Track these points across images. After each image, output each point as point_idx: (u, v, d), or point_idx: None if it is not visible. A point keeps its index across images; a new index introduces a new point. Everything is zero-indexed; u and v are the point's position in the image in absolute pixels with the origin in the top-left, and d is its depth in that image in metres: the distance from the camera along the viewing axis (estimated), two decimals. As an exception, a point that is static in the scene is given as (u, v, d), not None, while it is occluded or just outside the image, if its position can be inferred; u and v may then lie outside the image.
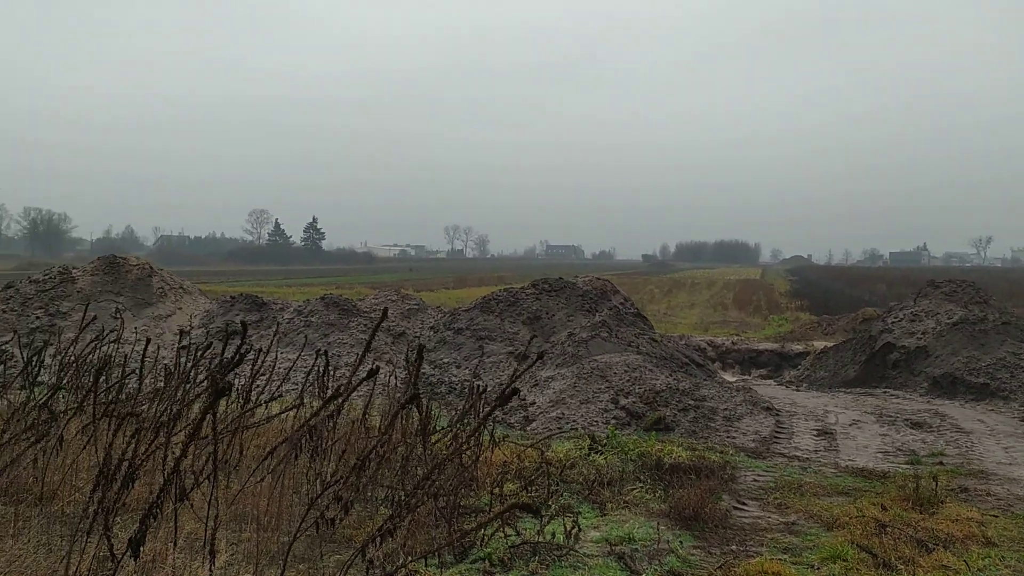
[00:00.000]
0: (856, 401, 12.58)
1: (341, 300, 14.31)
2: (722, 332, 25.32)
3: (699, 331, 25.44)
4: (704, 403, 9.87)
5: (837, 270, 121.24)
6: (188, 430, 4.19)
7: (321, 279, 68.59)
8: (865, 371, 14.38)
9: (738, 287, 61.90)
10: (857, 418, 10.96)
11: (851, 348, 15.64)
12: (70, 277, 14.88)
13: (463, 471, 5.60)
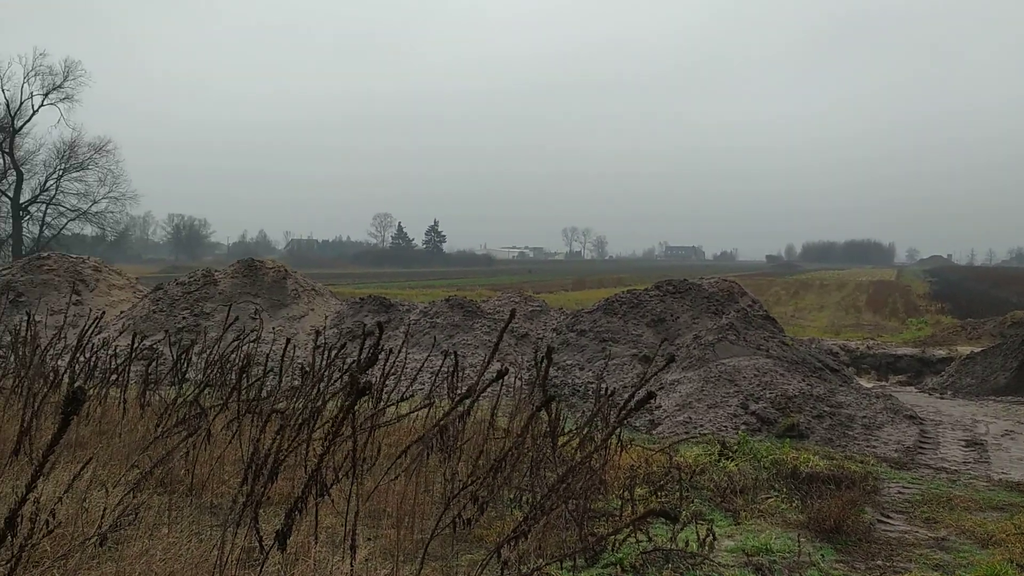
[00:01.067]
0: (1008, 410, 11.76)
1: (465, 302, 14.51)
2: (855, 336, 24.23)
3: (830, 334, 24.45)
4: (841, 410, 9.44)
5: (981, 271, 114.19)
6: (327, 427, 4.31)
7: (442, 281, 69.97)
8: (1018, 378, 13.43)
9: (871, 289, 59.18)
10: (1010, 428, 10.24)
11: (1001, 353, 14.65)
12: (212, 279, 15.71)
13: (592, 474, 5.54)
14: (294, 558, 4.23)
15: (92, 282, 17.41)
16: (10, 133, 56.13)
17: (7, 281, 17.34)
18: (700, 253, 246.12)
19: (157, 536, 4.49)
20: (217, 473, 5.76)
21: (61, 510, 3.97)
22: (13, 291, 16.80)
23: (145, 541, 4.34)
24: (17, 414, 6.76)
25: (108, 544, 4.20)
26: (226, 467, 5.91)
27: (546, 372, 5.52)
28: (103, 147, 59.21)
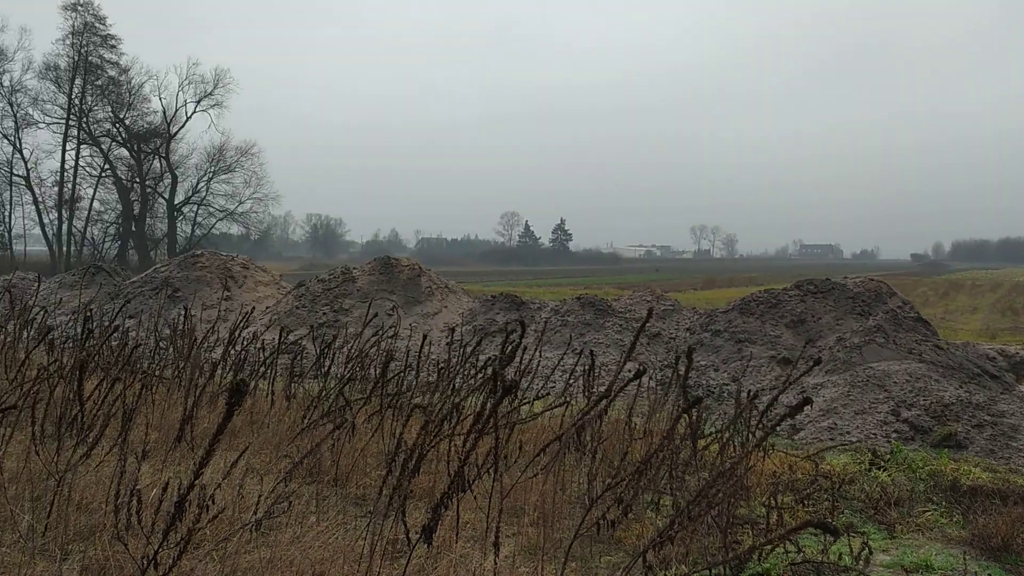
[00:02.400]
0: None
1: (596, 300, 14.40)
2: (1014, 340, 22.56)
3: (985, 338, 22.88)
4: (1003, 419, 8.78)
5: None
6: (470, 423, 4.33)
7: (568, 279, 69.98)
8: None
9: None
10: None
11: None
12: (351, 277, 16.25)
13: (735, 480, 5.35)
14: (437, 552, 4.27)
15: (240, 279, 18.35)
16: (166, 139, 60.08)
17: (165, 277, 18.51)
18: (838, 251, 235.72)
19: (306, 524, 4.64)
20: (360, 465, 5.91)
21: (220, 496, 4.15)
22: (170, 287, 17.92)
23: (296, 528, 4.49)
24: (177, 403, 7.18)
25: (262, 530, 4.38)
26: (368, 459, 6.06)
27: (686, 373, 5.37)
28: (248, 150, 62.56)
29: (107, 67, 58.95)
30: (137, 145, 60.19)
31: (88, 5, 57.81)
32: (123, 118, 59.32)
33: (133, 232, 60.57)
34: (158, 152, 60.58)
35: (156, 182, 61.65)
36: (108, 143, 59.70)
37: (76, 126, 57.59)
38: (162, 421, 6.65)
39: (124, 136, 59.76)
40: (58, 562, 3.90)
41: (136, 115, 59.99)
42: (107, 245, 60.61)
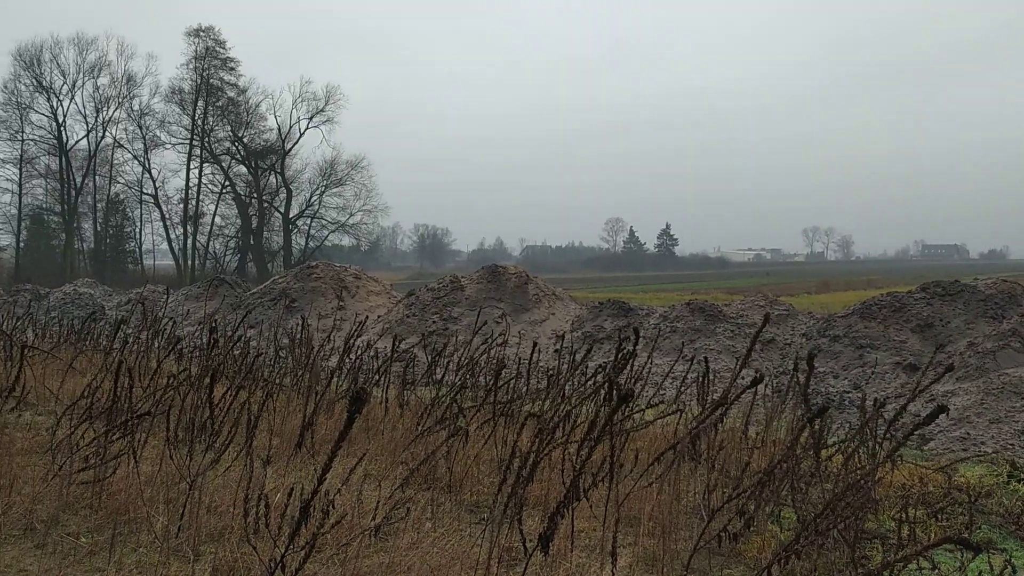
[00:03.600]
0: None
1: (707, 305, 14.10)
2: None
3: None
4: None
5: None
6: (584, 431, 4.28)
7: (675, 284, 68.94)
8: None
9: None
10: None
11: None
12: (459, 285, 16.46)
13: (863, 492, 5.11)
14: (553, 561, 4.24)
15: (353, 288, 18.86)
16: (281, 155, 62.54)
17: (282, 288, 19.22)
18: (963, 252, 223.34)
19: (423, 530, 4.69)
20: (473, 472, 5.94)
21: (340, 501, 4.25)
22: (288, 297, 18.59)
23: (413, 534, 4.55)
24: (296, 410, 7.42)
25: (380, 535, 4.45)
26: (481, 467, 6.09)
27: (807, 381, 5.17)
28: (358, 164, 64.45)
29: (227, 88, 61.97)
30: (254, 162, 62.91)
31: (209, 30, 60.99)
32: (241, 136, 62.15)
33: (251, 245, 63.28)
34: (274, 168, 63.13)
35: (272, 197, 64.29)
36: (228, 161, 62.69)
37: (199, 146, 60.72)
38: (283, 428, 6.87)
39: (242, 154, 62.59)
40: (191, 563, 4.07)
41: (253, 133, 62.82)
42: (228, 258, 63.58)
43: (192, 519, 4.37)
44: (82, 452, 5.30)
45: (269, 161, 63.10)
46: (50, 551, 4.23)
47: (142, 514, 4.69)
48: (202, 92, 60.48)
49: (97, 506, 4.84)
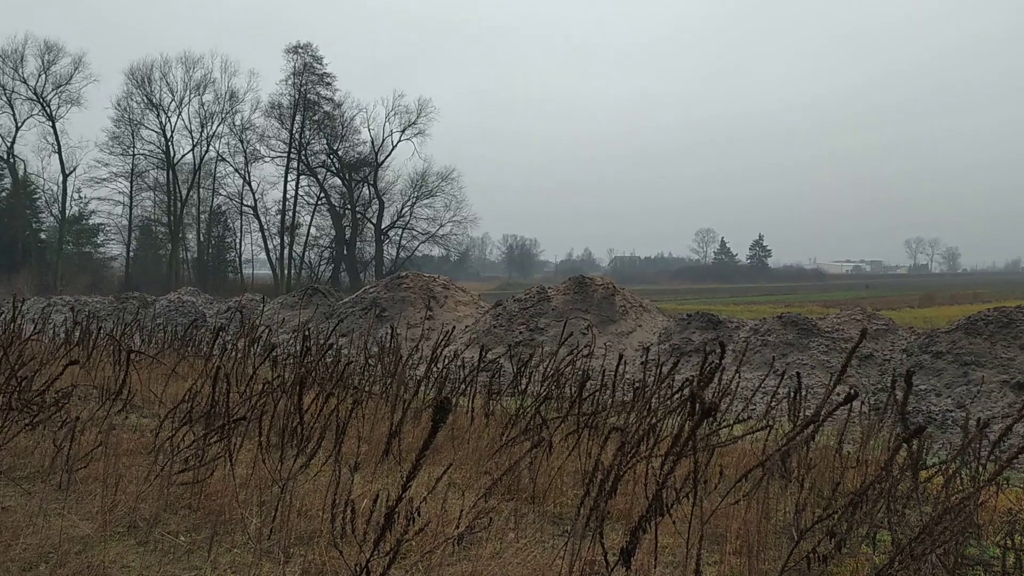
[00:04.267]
0: None
1: (799, 319, 13.73)
2: None
3: None
4: None
5: None
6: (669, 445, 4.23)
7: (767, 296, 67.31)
8: None
9: None
10: None
11: None
12: (546, 296, 16.49)
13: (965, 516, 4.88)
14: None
15: (441, 298, 19.12)
16: (374, 168, 64.02)
17: (373, 298, 19.63)
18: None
19: (506, 540, 4.71)
20: (556, 484, 5.94)
21: (425, 509, 4.31)
22: (378, 307, 18.98)
23: (496, 544, 4.57)
24: (384, 418, 7.56)
25: (464, 544, 4.49)
26: (564, 478, 6.07)
27: (905, 398, 4.98)
28: (448, 175, 65.43)
29: (323, 103, 63.90)
30: (348, 174, 64.59)
31: (307, 47, 63.04)
32: (336, 149, 63.92)
33: (344, 255, 64.91)
34: (367, 180, 64.68)
35: (365, 208, 65.85)
36: (323, 173, 64.57)
37: (296, 159, 62.75)
38: (371, 435, 7.01)
39: (337, 166, 64.35)
40: (281, 564, 4.19)
41: (348, 146, 64.53)
42: (322, 268, 65.41)
43: (283, 522, 4.51)
44: (182, 454, 5.54)
45: (362, 173, 64.68)
46: (151, 548, 4.43)
47: (237, 515, 4.86)
48: (300, 107, 62.52)
49: (195, 506, 5.04)
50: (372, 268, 64.29)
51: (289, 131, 62.50)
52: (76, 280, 53.26)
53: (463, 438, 7.16)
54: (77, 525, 4.71)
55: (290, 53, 62.88)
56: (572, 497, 5.74)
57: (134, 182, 61.49)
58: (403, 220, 65.79)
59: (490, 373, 9.40)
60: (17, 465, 6.02)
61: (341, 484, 4.11)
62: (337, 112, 64.11)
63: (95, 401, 8.16)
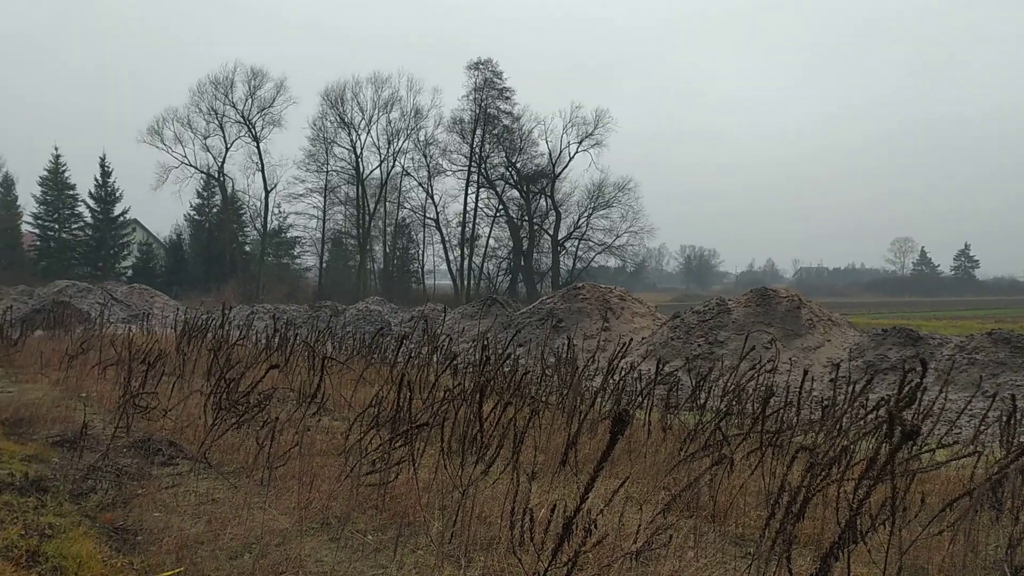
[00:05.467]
0: None
1: (1013, 336, 12.53)
2: None
3: None
4: None
5: None
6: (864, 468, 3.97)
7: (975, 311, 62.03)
8: None
9: None
10: None
11: None
12: (726, 308, 16.02)
13: None
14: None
15: (618, 310, 19.02)
16: (551, 179, 64.86)
17: (550, 309, 19.83)
18: None
19: (685, 559, 4.59)
20: (738, 503, 5.72)
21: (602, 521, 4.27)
22: (555, 317, 19.15)
23: (674, 562, 4.46)
24: (561, 428, 7.59)
25: (641, 559, 4.41)
26: (747, 498, 5.84)
27: None
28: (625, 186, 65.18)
29: (502, 117, 65.53)
30: (526, 186, 65.81)
31: (488, 63, 64.95)
32: (515, 162, 65.31)
33: (522, 266, 66.10)
34: (544, 192, 65.63)
35: (542, 219, 66.79)
36: (502, 185, 66.16)
37: (476, 172, 64.66)
38: (547, 444, 7.06)
39: (515, 178, 65.72)
40: (462, 568, 4.29)
41: (526, 159, 65.78)
42: (500, 278, 66.96)
43: (464, 527, 4.61)
44: (370, 456, 5.81)
45: (540, 185, 65.69)
46: (342, 545, 4.66)
47: (420, 518, 5.03)
48: (480, 121, 64.45)
49: (382, 507, 5.26)
50: (549, 279, 65.05)
51: (470, 145, 64.56)
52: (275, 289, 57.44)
53: (640, 451, 7.06)
54: (276, 519, 5.04)
55: (471, 69, 65.03)
56: (755, 518, 5.51)
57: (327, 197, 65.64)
58: (579, 231, 66.20)
59: (667, 386, 9.23)
60: (225, 460, 6.53)
61: (520, 492, 4.15)
62: (516, 125, 65.56)
63: (292, 403, 8.72)
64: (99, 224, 62.88)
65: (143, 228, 69.01)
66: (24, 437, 7.56)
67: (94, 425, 7.72)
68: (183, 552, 4.42)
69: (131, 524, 4.99)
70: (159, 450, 6.84)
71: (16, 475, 5.90)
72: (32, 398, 9.58)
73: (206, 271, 60.11)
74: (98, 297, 27.32)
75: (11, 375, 12.06)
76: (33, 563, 4.06)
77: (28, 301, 26.53)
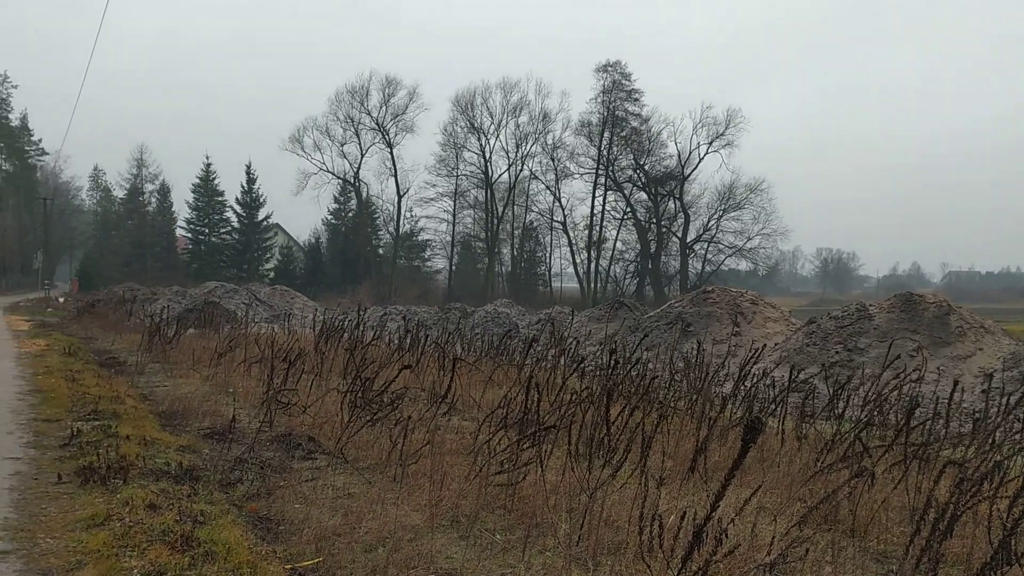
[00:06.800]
0: None
1: None
2: None
3: None
4: None
5: None
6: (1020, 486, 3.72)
7: None
8: None
9: None
10: None
11: None
12: (867, 314, 15.30)
13: None
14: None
15: (749, 314, 18.52)
16: (680, 181, 63.84)
17: (678, 312, 19.52)
18: None
19: (821, 573, 4.42)
20: (880, 518, 5.46)
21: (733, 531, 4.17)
22: (683, 321, 18.83)
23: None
24: (689, 434, 7.46)
25: (775, 572, 4.28)
26: (889, 513, 5.56)
27: None
28: (758, 187, 63.34)
29: (630, 119, 65.07)
30: (654, 188, 65.06)
31: (616, 65, 64.70)
32: (643, 164, 64.72)
33: (649, 269, 65.35)
34: (672, 194, 64.69)
35: (670, 222, 65.85)
36: (629, 188, 65.69)
37: (603, 175, 64.43)
38: (676, 450, 6.95)
39: (643, 181, 65.09)
40: (590, 572, 4.29)
41: (654, 160, 65.06)
42: (627, 281, 66.47)
43: (591, 530, 4.61)
44: (498, 457, 5.89)
45: (668, 187, 64.80)
46: (472, 543, 4.75)
47: (547, 520, 5.06)
48: (608, 124, 64.18)
49: (510, 507, 5.33)
50: (677, 282, 64.05)
51: (597, 148, 64.43)
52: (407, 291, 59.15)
53: (773, 461, 6.85)
54: (409, 515, 5.18)
55: (600, 72, 64.90)
56: (898, 535, 5.25)
57: (456, 201, 67.04)
58: (709, 233, 64.86)
59: (802, 394, 8.91)
60: (360, 456, 6.78)
61: (648, 497, 4.11)
62: (644, 127, 64.96)
63: (423, 403, 8.95)
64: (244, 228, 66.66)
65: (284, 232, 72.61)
66: (178, 429, 8.10)
67: (240, 419, 8.17)
68: (321, 543, 4.62)
69: (274, 514, 5.26)
70: (299, 445, 7.17)
71: (171, 464, 6.33)
72: (185, 392, 10.25)
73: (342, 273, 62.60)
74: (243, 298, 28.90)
75: (167, 370, 12.93)
76: (187, 547, 4.34)
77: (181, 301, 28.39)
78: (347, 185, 66.87)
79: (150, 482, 5.67)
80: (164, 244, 68.91)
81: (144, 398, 10.08)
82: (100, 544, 4.45)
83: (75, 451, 6.77)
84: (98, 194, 79.02)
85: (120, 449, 6.56)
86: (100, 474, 5.82)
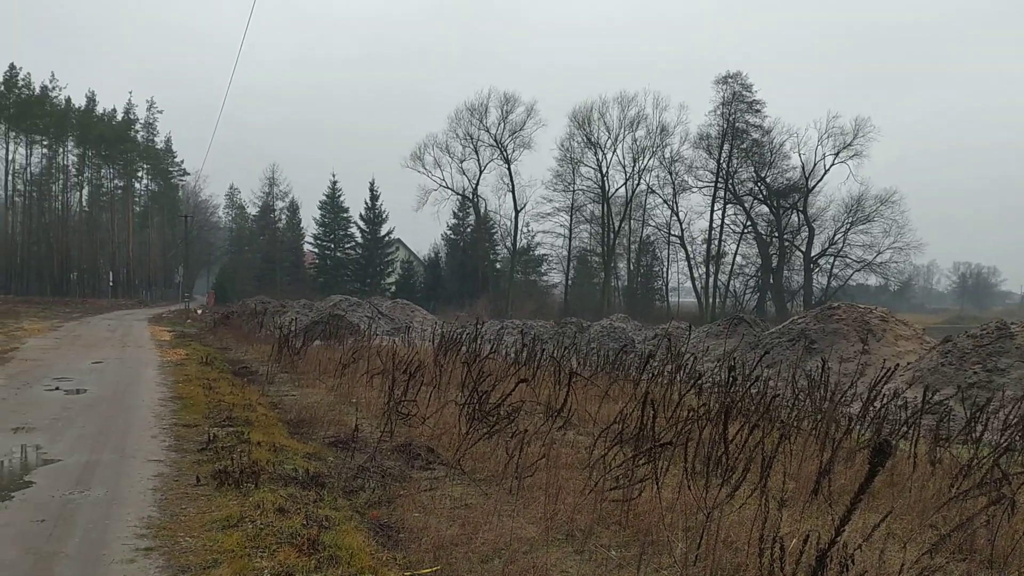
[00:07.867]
0: None
1: None
2: None
3: None
4: None
5: None
6: None
7: None
8: None
9: None
10: None
11: None
12: (1008, 333, 14.37)
13: None
14: None
15: (879, 332, 17.71)
16: (804, 194, 61.75)
17: (802, 329, 18.88)
18: None
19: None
20: (1021, 547, 5.13)
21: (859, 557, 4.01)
22: (806, 338, 18.20)
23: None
24: (813, 455, 7.21)
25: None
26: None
27: None
28: (888, 199, 60.51)
29: (751, 131, 63.47)
30: (776, 201, 63.16)
31: (737, 76, 63.34)
32: (764, 176, 62.94)
33: (771, 284, 63.41)
34: (796, 206, 62.62)
35: (793, 236, 63.74)
36: (750, 201, 63.99)
37: (723, 188, 63.08)
38: (798, 471, 6.74)
39: (764, 193, 63.29)
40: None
41: (776, 173, 63.16)
42: (747, 297, 64.70)
43: (709, 550, 4.53)
44: (613, 472, 5.87)
45: (791, 199, 62.79)
46: (586, 558, 4.75)
47: (663, 537, 5.00)
48: (728, 136, 62.87)
49: (625, 523, 5.30)
50: (800, 298, 61.87)
51: (717, 161, 63.16)
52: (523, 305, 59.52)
53: (903, 485, 6.53)
54: (524, 527, 5.23)
55: (719, 84, 63.69)
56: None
57: (573, 215, 67.07)
58: (835, 247, 62.36)
59: (936, 416, 8.45)
60: (477, 468, 6.88)
61: (768, 519, 4.01)
62: (766, 139, 63.23)
63: (539, 416, 9.00)
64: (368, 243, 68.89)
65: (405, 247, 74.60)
66: (305, 437, 8.44)
67: (362, 429, 8.44)
68: (440, 552, 4.72)
69: (394, 522, 5.41)
70: (418, 455, 7.35)
71: (299, 470, 6.61)
72: (311, 401, 10.68)
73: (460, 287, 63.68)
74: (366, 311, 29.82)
75: (294, 380, 13.50)
76: (313, 551, 4.53)
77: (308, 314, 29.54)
78: (466, 201, 68.08)
79: (279, 487, 5.93)
80: (293, 259, 72.04)
81: (274, 406, 10.56)
82: (234, 544, 4.70)
83: (211, 455, 7.17)
84: (233, 211, 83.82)
85: (252, 454, 6.90)
86: (234, 478, 6.14)
